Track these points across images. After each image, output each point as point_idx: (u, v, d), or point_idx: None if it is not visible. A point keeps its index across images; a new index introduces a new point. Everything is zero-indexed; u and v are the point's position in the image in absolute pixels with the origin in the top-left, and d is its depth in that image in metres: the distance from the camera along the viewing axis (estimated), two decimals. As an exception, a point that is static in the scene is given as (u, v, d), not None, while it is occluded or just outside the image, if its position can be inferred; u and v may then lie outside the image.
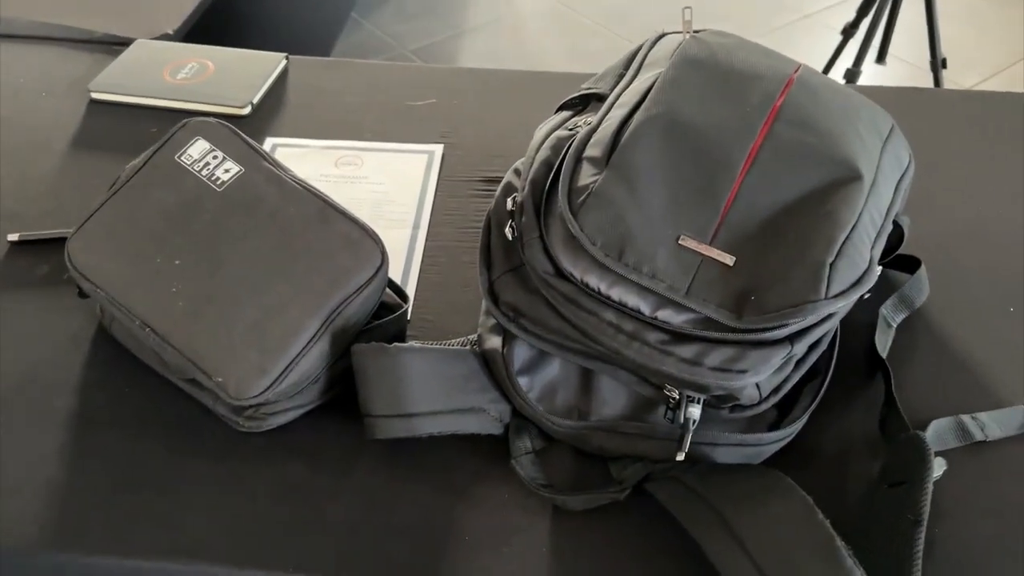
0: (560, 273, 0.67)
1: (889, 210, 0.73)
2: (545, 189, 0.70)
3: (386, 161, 0.99)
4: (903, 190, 0.77)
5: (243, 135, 0.77)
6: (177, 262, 0.71)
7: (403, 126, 1.05)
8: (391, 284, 0.78)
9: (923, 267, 0.82)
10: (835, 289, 0.62)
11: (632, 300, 0.65)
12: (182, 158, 0.75)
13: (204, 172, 0.75)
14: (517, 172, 0.75)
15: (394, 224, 0.91)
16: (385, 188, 0.95)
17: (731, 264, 0.64)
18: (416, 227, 0.91)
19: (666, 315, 0.64)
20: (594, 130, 0.71)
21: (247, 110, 1.05)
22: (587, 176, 0.67)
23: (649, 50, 0.82)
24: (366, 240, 0.73)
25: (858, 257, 0.65)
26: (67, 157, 0.99)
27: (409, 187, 0.96)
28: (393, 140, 1.02)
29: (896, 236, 0.79)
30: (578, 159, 0.69)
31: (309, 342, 0.69)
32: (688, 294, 0.64)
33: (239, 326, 0.69)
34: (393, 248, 0.87)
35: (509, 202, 0.71)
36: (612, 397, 0.71)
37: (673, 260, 0.64)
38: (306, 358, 0.69)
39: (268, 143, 1.01)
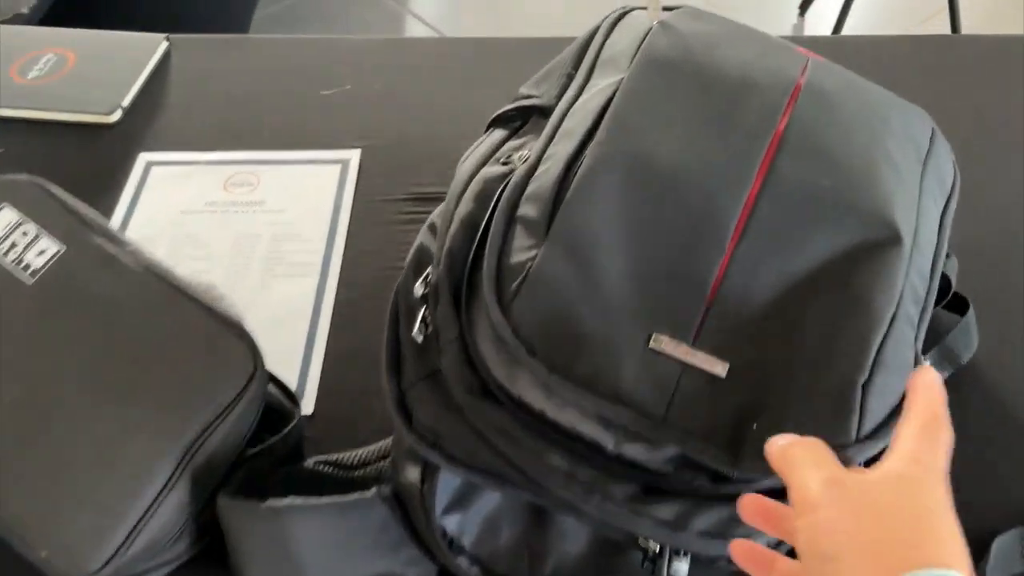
0: (487, 390, 0.49)
1: (934, 266, 0.54)
2: (468, 263, 0.51)
3: (289, 178, 0.79)
4: (948, 223, 0.58)
5: (65, 198, 0.58)
6: (-22, 388, 0.53)
7: (312, 124, 0.84)
8: (275, 382, 0.59)
9: (971, 310, 0.63)
10: (869, 423, 0.45)
11: (588, 429, 0.47)
12: (-20, 237, 0.56)
13: (11, 256, 0.56)
14: (434, 229, 0.56)
15: (296, 271, 0.72)
16: (287, 216, 0.76)
17: (723, 375, 0.46)
18: (324, 274, 0.72)
19: (635, 451, 0.46)
20: (531, 172, 0.52)
21: (116, 116, 0.84)
22: (521, 248, 0.49)
23: (606, 38, 0.61)
24: (230, 338, 0.54)
25: (901, 362, 0.47)
26: None
27: (317, 213, 0.76)
28: (298, 146, 0.82)
29: (942, 285, 0.60)
30: (509, 220, 0.50)
31: (162, 491, 0.51)
32: (666, 422, 0.46)
33: (65, 476, 0.51)
34: (296, 308, 0.69)
35: (419, 286, 0.52)
36: (574, 530, 0.53)
37: (643, 372, 0.46)
38: (160, 513, 0.51)
39: (141, 161, 0.81)
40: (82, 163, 0.80)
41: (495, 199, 0.52)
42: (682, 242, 0.48)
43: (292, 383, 0.65)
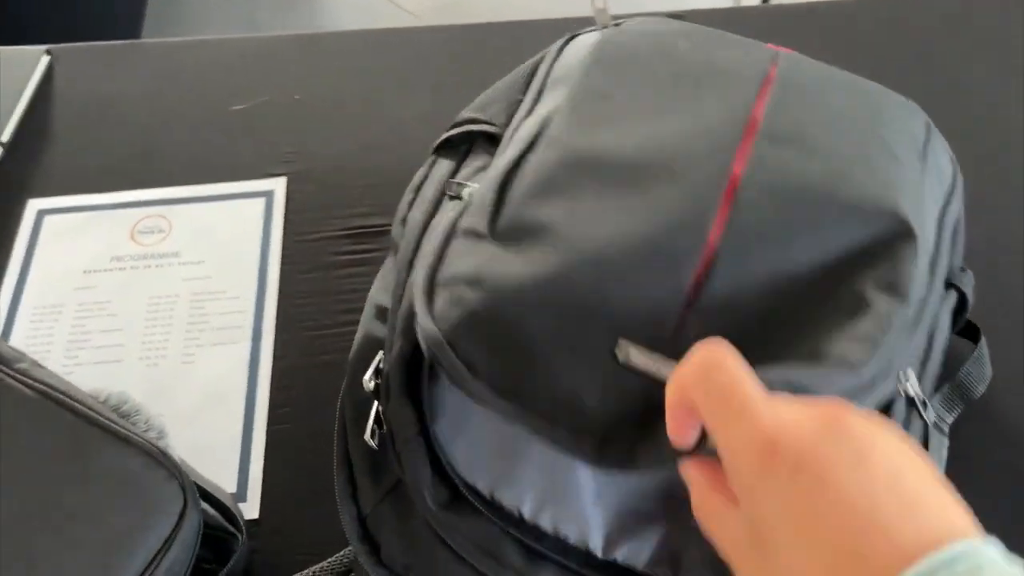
0: (458, 497, 0.41)
1: (933, 271, 0.48)
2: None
3: (205, 219, 0.69)
4: (949, 223, 0.51)
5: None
6: None
7: (226, 149, 0.74)
8: (212, 502, 0.51)
9: (983, 340, 0.57)
10: None
11: (574, 532, 0.42)
12: None
13: None
14: (382, 315, 0.48)
15: (224, 337, 0.63)
16: (207, 269, 0.66)
17: None
18: (257, 337, 0.63)
19: (627, 554, 0.41)
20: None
21: (-5, 155, 0.73)
22: (462, 254, 0.42)
23: (554, 62, 0.53)
24: (153, 471, 0.46)
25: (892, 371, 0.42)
26: None
27: (241, 262, 0.67)
28: (213, 177, 0.72)
29: (960, 305, 0.54)
30: (448, 238, 0.43)
31: (86, 665, 0.43)
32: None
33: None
34: (227, 384, 0.60)
35: (369, 378, 0.44)
36: None
37: (610, 389, 0.39)
38: None
39: (31, 209, 0.70)
40: (-40, 217, 0.69)
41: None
42: (653, 238, 0.41)
43: (231, 482, 0.56)
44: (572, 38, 0.55)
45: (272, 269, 0.66)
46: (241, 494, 0.56)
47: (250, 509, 0.55)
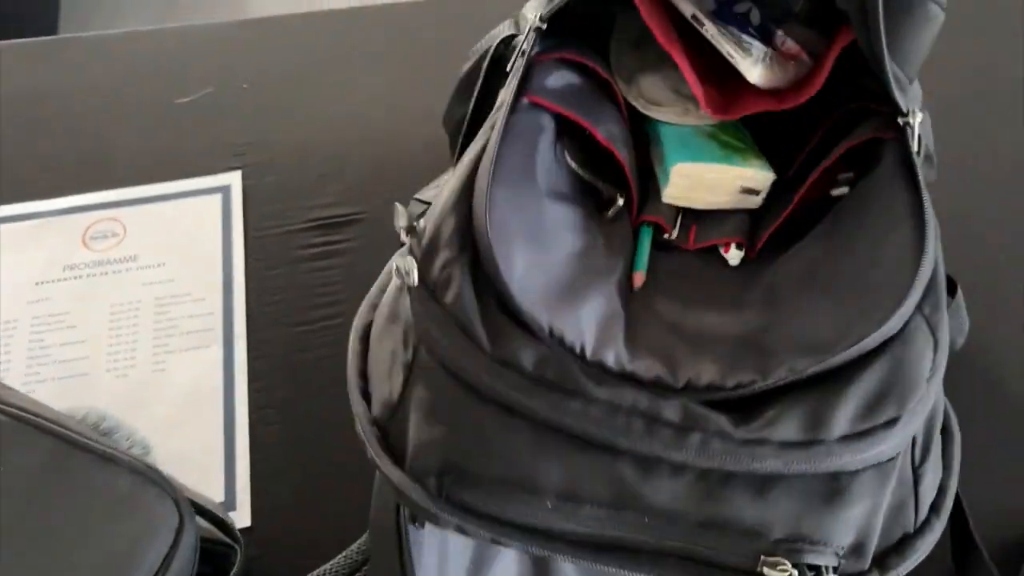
0: (506, 336, 0.37)
1: None
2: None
3: (159, 221, 0.66)
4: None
5: None
6: None
7: (173, 145, 0.71)
8: (205, 515, 0.49)
9: (960, 293, 0.58)
10: None
11: (644, 367, 0.38)
12: None
13: None
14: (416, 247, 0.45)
15: (193, 341, 0.60)
16: (168, 272, 0.63)
17: None
18: (229, 339, 0.60)
19: (710, 373, 0.38)
20: None
21: (-74, 166, 0.68)
22: None
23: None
24: (144, 490, 0.43)
25: None
26: None
27: (203, 262, 0.64)
28: (163, 176, 0.69)
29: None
30: None
31: None
32: None
33: None
34: (203, 390, 0.57)
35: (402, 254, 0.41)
36: None
37: None
38: None
39: (-28, 221, 0.66)
40: None
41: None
42: None
43: (218, 490, 0.54)
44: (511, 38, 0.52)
45: (237, 267, 0.64)
46: (230, 502, 0.54)
47: (241, 517, 0.53)
